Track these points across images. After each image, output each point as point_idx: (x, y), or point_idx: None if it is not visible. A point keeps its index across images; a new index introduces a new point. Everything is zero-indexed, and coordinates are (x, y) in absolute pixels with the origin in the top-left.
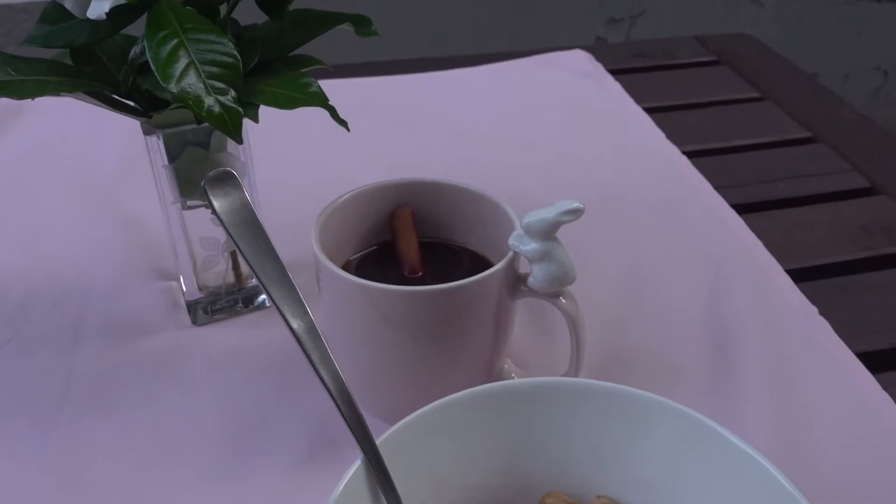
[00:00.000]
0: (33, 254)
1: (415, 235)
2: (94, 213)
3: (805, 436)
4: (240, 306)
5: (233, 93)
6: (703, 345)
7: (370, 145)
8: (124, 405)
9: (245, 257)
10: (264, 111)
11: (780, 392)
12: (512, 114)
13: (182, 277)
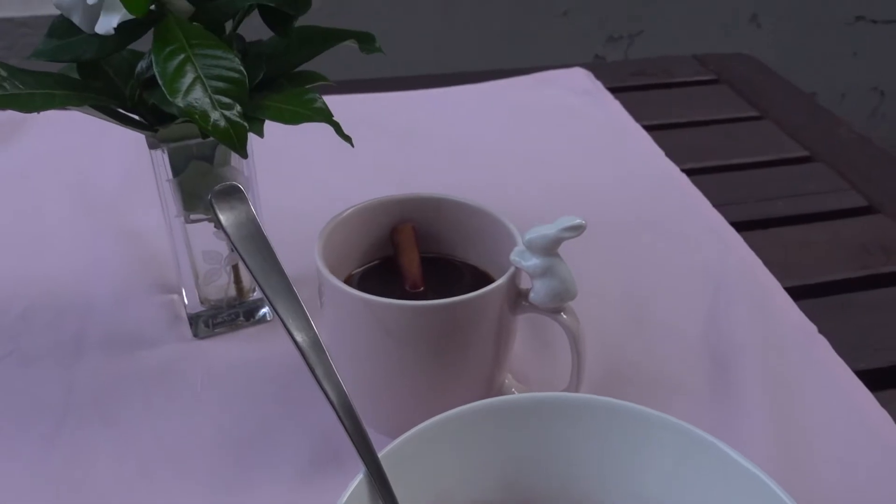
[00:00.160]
0: (35, 266)
1: (416, 250)
2: (97, 225)
3: (804, 453)
4: (241, 320)
5: (238, 108)
6: (703, 362)
7: (372, 161)
8: (126, 417)
9: (251, 271)
10: (268, 126)
11: (780, 409)
12: (512, 131)
13: (184, 290)
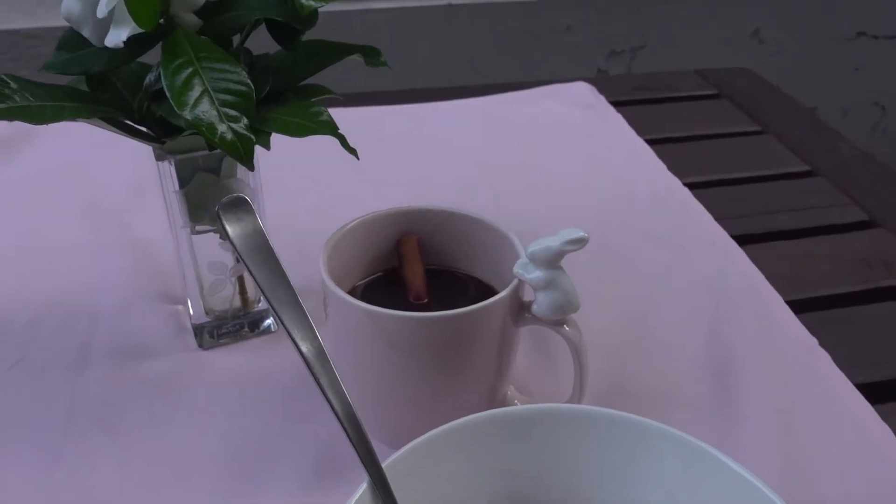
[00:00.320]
0: (42, 276)
1: (421, 262)
2: (103, 236)
3: (805, 466)
4: (245, 331)
5: (245, 120)
6: (704, 374)
7: (377, 173)
8: (130, 427)
9: (257, 282)
10: (274, 139)
11: (780, 422)
12: (515, 144)
13: (189, 301)
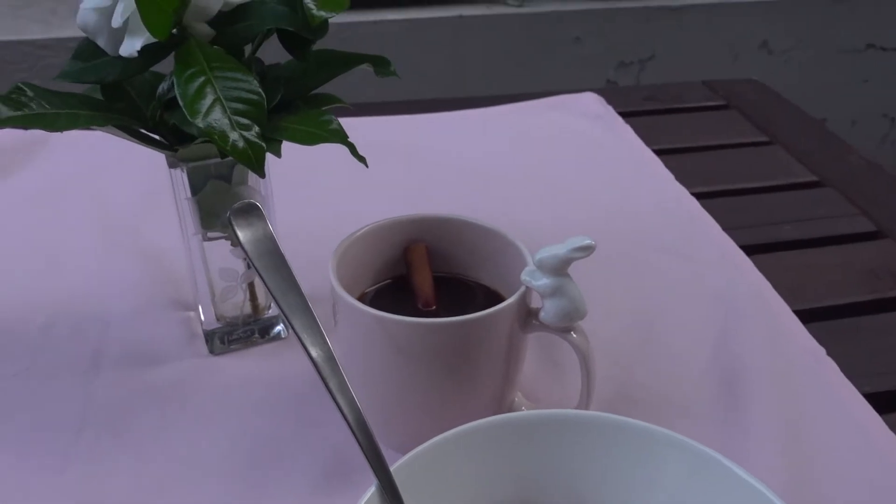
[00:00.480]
0: (56, 281)
1: (429, 270)
2: (116, 243)
3: (812, 475)
4: (256, 337)
5: (257, 128)
6: (711, 383)
7: (385, 182)
8: (142, 431)
9: (267, 286)
10: (284, 147)
11: (788, 431)
12: (524, 154)
13: (200, 307)
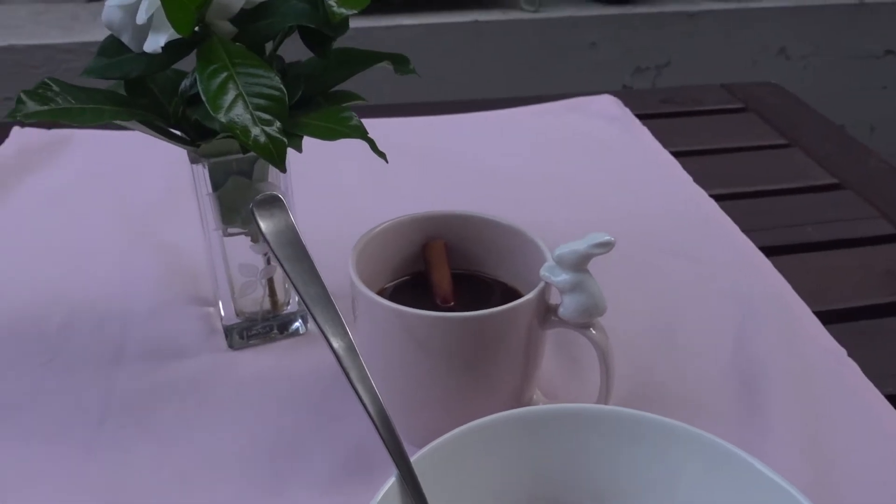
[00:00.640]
0: (78, 276)
1: (447, 266)
2: (137, 239)
3: (833, 476)
4: (275, 332)
5: (278, 124)
6: (732, 384)
7: (403, 181)
8: (162, 425)
9: (289, 277)
10: (304, 144)
11: (809, 432)
12: (541, 155)
13: (220, 302)
